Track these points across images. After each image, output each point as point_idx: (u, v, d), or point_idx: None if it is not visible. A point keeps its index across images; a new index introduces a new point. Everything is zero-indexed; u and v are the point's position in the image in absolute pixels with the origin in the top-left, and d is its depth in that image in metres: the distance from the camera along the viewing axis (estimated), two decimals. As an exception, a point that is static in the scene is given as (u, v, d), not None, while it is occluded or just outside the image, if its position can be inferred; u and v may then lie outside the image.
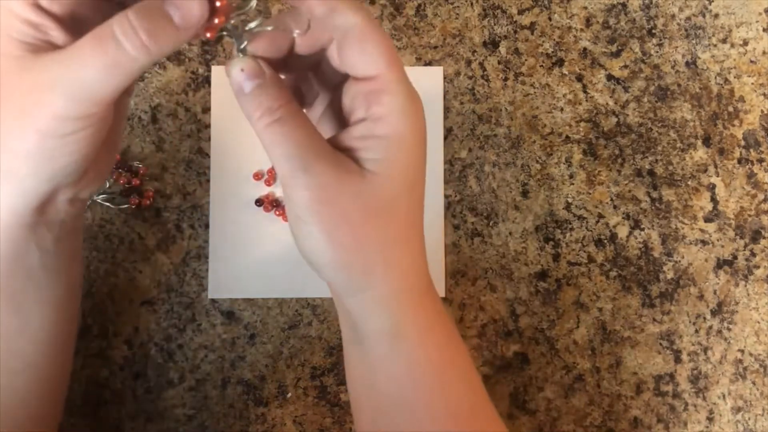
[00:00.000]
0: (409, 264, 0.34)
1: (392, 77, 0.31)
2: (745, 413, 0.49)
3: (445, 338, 0.36)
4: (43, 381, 0.37)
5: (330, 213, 0.31)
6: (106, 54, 0.28)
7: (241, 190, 0.48)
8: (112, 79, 0.29)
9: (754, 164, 0.51)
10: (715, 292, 0.50)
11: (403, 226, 0.33)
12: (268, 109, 0.31)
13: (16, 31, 0.29)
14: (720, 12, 0.52)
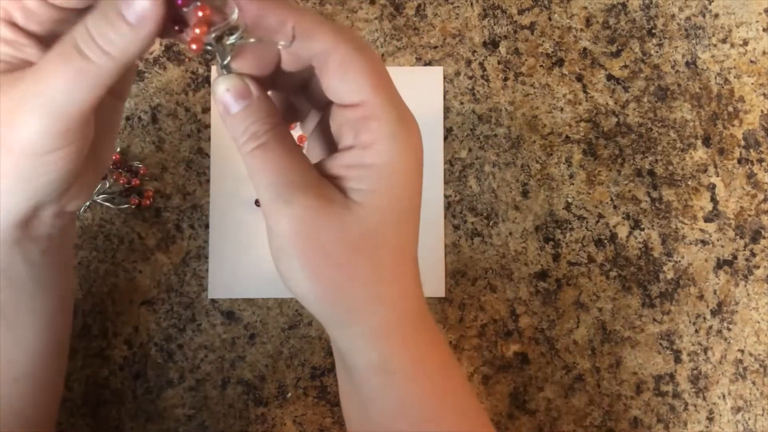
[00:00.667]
0: (398, 298, 0.32)
1: (379, 102, 0.29)
2: (745, 413, 0.49)
3: (439, 369, 0.34)
4: (38, 390, 0.37)
5: (311, 247, 0.30)
6: (70, 65, 0.27)
7: (241, 190, 0.48)
8: (81, 90, 0.28)
9: (754, 164, 0.51)
10: (715, 292, 0.50)
11: (393, 259, 0.31)
12: (254, 134, 0.29)
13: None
14: (720, 12, 0.52)
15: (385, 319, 0.32)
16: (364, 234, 0.30)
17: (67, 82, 0.27)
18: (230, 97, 0.29)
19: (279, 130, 0.30)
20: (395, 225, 0.31)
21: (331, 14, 0.50)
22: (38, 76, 0.28)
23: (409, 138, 0.30)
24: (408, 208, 0.31)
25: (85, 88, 0.28)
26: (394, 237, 0.31)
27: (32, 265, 0.33)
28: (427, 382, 0.33)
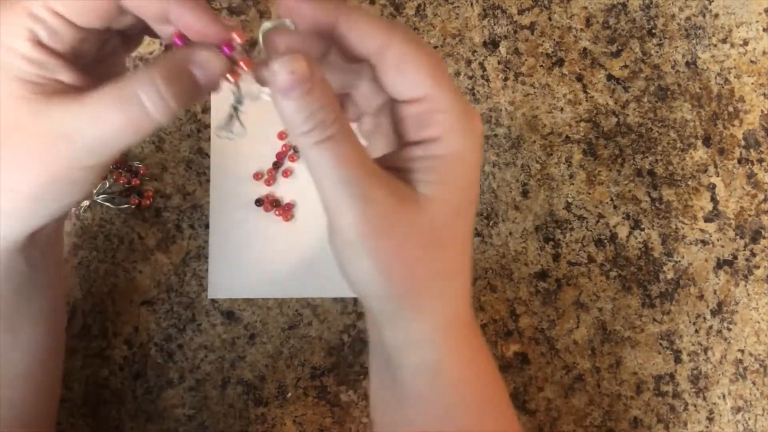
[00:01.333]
0: (457, 295, 0.32)
1: (442, 95, 0.29)
2: (745, 413, 0.49)
3: (484, 375, 0.34)
4: (39, 390, 0.37)
5: (385, 245, 0.29)
6: (129, 118, 0.27)
7: (241, 190, 0.48)
8: (131, 137, 0.28)
9: (754, 164, 0.51)
10: (715, 292, 0.50)
11: (458, 254, 0.31)
12: (321, 122, 0.27)
13: (18, 69, 0.28)
14: (720, 12, 0.52)
15: (445, 317, 0.31)
16: (432, 228, 0.29)
17: (121, 131, 0.28)
18: (294, 80, 0.27)
19: (344, 121, 0.28)
20: (462, 217, 0.31)
21: (331, 14, 0.50)
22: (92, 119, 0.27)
23: (473, 130, 0.30)
24: (470, 200, 0.31)
25: (137, 135, 0.28)
26: (460, 231, 0.31)
27: (32, 268, 0.34)
28: (473, 388, 0.33)
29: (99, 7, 0.28)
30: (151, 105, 0.27)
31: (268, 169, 0.48)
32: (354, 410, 0.47)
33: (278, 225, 0.48)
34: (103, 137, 0.28)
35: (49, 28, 0.28)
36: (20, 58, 0.28)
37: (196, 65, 0.28)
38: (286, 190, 0.48)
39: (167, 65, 0.28)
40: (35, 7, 0.27)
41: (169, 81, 0.28)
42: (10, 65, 0.28)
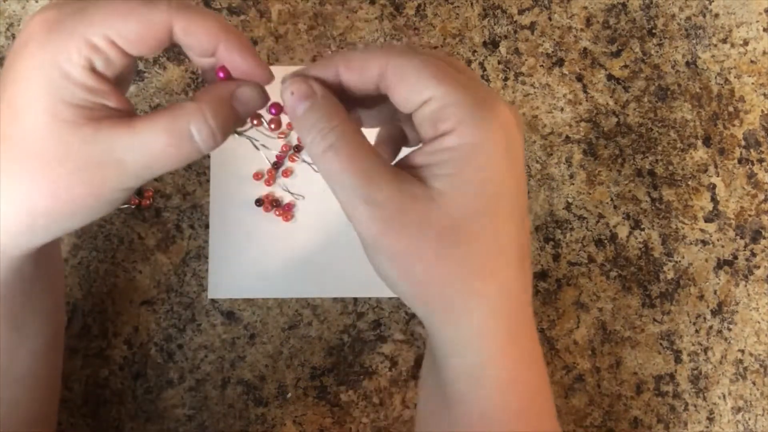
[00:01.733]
0: (497, 296, 0.30)
1: (448, 90, 0.29)
2: (745, 413, 0.49)
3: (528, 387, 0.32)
4: (42, 386, 0.38)
5: (398, 247, 0.29)
6: (178, 148, 0.29)
7: (241, 190, 0.48)
8: (176, 165, 0.30)
9: (754, 164, 0.51)
10: (715, 292, 0.50)
11: (487, 252, 0.29)
12: (321, 131, 0.29)
13: (71, 95, 0.28)
14: (720, 12, 0.52)
15: (483, 318, 0.30)
16: (450, 225, 0.29)
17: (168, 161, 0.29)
18: (295, 99, 0.30)
19: (346, 128, 0.30)
20: (487, 211, 0.29)
21: (331, 14, 0.50)
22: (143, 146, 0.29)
23: (493, 118, 0.29)
24: (498, 193, 0.29)
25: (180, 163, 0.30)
26: (486, 226, 0.29)
27: (38, 266, 0.34)
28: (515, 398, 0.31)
29: (155, 40, 0.29)
30: (199, 137, 0.29)
31: (268, 169, 0.48)
32: (354, 410, 0.47)
33: (278, 225, 0.48)
34: (150, 164, 0.29)
35: (106, 57, 0.29)
36: (74, 85, 0.28)
37: (239, 101, 0.30)
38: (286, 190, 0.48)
39: (215, 100, 0.30)
40: (95, 37, 0.28)
41: (217, 118, 0.29)
42: (63, 91, 0.28)
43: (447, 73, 0.29)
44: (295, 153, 0.48)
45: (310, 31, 0.50)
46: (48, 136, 0.28)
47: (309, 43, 0.50)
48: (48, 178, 0.29)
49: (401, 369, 0.47)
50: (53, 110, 0.28)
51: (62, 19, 0.28)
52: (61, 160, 0.28)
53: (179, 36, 0.29)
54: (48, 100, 0.28)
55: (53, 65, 0.28)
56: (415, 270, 0.29)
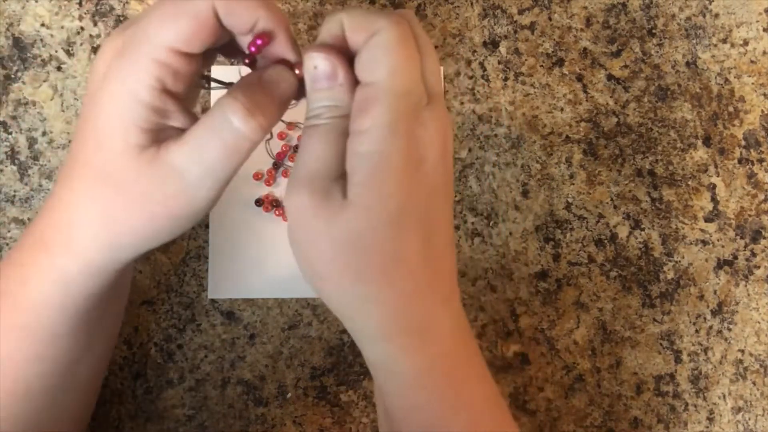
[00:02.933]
0: (393, 302, 0.31)
1: (389, 87, 0.28)
2: (745, 413, 0.49)
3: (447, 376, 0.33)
4: (90, 394, 0.40)
5: (304, 238, 0.30)
6: (224, 141, 0.29)
7: (241, 190, 0.48)
8: (233, 162, 0.30)
9: (754, 164, 0.51)
10: (715, 293, 0.50)
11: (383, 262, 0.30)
12: (318, 114, 0.30)
13: (142, 118, 0.29)
14: (720, 12, 0.52)
15: (381, 322, 0.31)
16: (351, 235, 0.29)
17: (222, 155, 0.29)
18: (320, 74, 0.30)
19: (340, 122, 0.30)
20: (386, 227, 0.29)
21: (331, 14, 0.50)
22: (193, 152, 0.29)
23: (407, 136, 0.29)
24: (402, 207, 0.29)
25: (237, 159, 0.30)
26: (386, 240, 0.29)
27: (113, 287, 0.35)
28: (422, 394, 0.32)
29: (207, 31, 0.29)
30: (240, 123, 0.29)
31: (268, 169, 0.48)
32: (354, 410, 0.47)
33: (278, 225, 0.48)
34: (209, 167, 0.29)
35: (174, 71, 0.29)
36: (144, 107, 0.29)
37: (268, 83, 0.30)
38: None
39: (244, 85, 0.30)
40: (160, 52, 0.28)
41: (250, 97, 0.29)
42: (135, 114, 0.29)
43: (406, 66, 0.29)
44: (296, 153, 0.48)
45: (310, 31, 0.50)
46: (121, 161, 0.29)
47: (309, 43, 0.50)
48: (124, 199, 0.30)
49: (401, 369, 0.47)
50: (126, 136, 0.29)
51: (127, 44, 0.29)
52: (133, 183, 0.30)
53: (224, 19, 0.30)
54: (122, 126, 0.29)
55: (126, 91, 0.29)
56: (317, 265, 0.30)
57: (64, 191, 0.31)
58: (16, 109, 0.47)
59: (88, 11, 0.48)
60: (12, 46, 0.48)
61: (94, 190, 0.30)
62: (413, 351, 0.32)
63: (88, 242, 0.31)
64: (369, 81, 0.29)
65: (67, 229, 0.31)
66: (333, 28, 0.30)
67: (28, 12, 0.48)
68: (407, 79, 0.29)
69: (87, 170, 0.31)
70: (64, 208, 0.31)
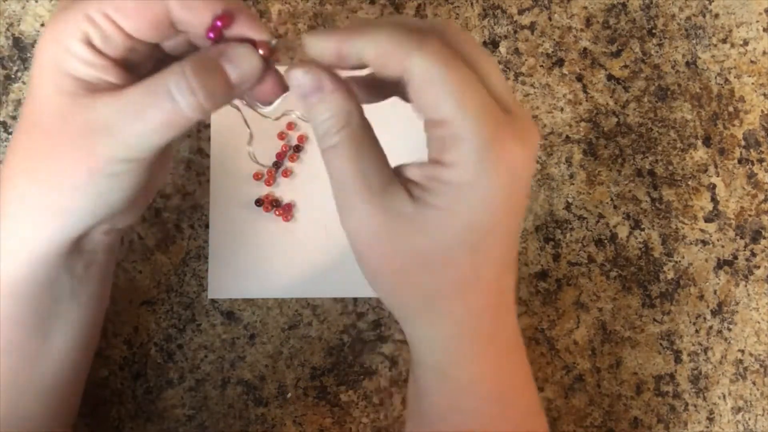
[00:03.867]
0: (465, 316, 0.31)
1: (464, 121, 0.27)
2: (745, 413, 0.49)
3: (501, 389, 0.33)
4: (63, 403, 0.37)
5: (370, 256, 0.30)
6: (161, 110, 0.28)
7: (241, 190, 0.48)
8: (165, 133, 0.29)
9: (754, 164, 0.51)
10: (715, 293, 0.50)
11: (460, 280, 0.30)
12: (326, 132, 0.29)
13: (72, 67, 0.29)
14: (720, 12, 0.52)
15: (446, 332, 0.31)
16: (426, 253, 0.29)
17: (154, 125, 0.28)
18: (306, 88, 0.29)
19: (351, 131, 0.29)
20: (469, 251, 0.29)
21: (331, 14, 0.50)
22: (126, 112, 0.28)
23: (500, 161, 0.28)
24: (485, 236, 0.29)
25: (170, 132, 0.29)
26: (466, 262, 0.29)
27: (74, 278, 0.34)
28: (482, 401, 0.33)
29: (152, 19, 0.29)
30: (181, 98, 0.28)
31: (268, 169, 0.48)
32: (354, 410, 0.47)
33: (278, 225, 0.48)
34: (138, 131, 0.28)
35: (102, 32, 0.29)
36: (73, 57, 0.29)
37: (229, 61, 0.29)
38: (286, 190, 0.48)
39: (198, 59, 0.29)
40: (91, 10, 0.28)
41: (198, 74, 0.28)
42: (63, 62, 0.29)
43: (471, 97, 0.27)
44: (296, 153, 0.48)
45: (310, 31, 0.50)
46: (51, 107, 0.29)
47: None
48: (49, 147, 0.29)
49: (401, 369, 0.47)
50: (57, 83, 0.29)
51: (72, 2, 0.29)
52: (60, 130, 0.29)
53: (177, 13, 0.29)
54: (53, 74, 0.29)
55: (57, 41, 0.29)
56: (385, 279, 0.30)
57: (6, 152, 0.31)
58: (16, 109, 0.47)
59: (88, 11, 0.48)
60: (12, 46, 0.48)
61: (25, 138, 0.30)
62: (472, 359, 0.32)
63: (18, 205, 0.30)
64: (437, 119, 0.28)
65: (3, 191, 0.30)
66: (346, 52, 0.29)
67: (28, 12, 0.48)
68: (476, 104, 0.28)
69: (22, 122, 0.30)
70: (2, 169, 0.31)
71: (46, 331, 0.34)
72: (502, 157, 0.28)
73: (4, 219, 0.31)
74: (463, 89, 0.27)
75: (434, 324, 0.31)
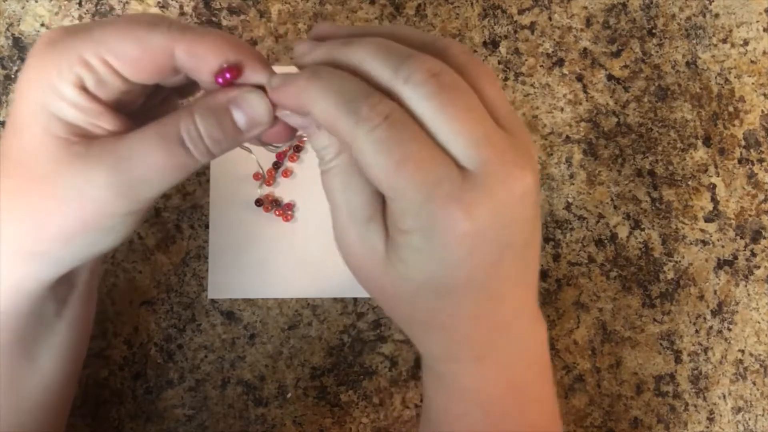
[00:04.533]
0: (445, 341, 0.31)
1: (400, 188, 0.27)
2: (745, 413, 0.49)
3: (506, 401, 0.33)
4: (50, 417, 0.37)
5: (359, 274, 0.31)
6: (171, 157, 0.27)
7: (241, 190, 0.48)
8: (172, 179, 0.28)
9: (754, 164, 0.51)
10: (715, 293, 0.50)
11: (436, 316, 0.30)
12: (322, 158, 0.29)
13: (61, 111, 0.27)
14: (720, 12, 0.52)
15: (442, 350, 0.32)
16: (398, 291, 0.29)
17: (162, 173, 0.28)
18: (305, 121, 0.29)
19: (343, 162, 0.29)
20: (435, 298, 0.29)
21: (331, 14, 0.50)
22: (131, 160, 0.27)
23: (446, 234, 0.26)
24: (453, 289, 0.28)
25: (178, 177, 0.28)
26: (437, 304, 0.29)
27: (59, 303, 0.34)
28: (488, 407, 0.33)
29: (153, 65, 0.28)
30: (192, 147, 0.28)
31: (268, 169, 0.48)
32: (354, 410, 0.47)
33: (278, 225, 0.48)
34: (143, 180, 0.28)
35: (98, 77, 0.28)
36: (62, 101, 0.27)
37: (239, 108, 0.29)
38: (286, 190, 0.48)
39: (208, 106, 0.28)
40: (87, 54, 0.27)
41: (208, 121, 0.28)
42: (51, 105, 0.27)
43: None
44: (296, 153, 0.48)
45: (310, 31, 0.50)
46: (41, 151, 0.27)
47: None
48: (41, 195, 0.28)
49: (401, 369, 0.47)
50: (47, 126, 0.27)
51: (63, 37, 0.28)
52: (52, 178, 0.27)
53: (183, 60, 0.28)
54: (42, 116, 0.27)
55: (47, 82, 0.27)
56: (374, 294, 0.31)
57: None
58: (16, 109, 0.47)
59: (88, 11, 0.48)
60: (12, 46, 0.48)
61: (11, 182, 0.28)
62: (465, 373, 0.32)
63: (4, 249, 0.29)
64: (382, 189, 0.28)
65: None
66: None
67: (28, 12, 0.48)
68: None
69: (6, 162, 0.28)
70: None
71: (33, 355, 0.33)
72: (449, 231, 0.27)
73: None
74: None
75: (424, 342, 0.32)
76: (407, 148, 0.26)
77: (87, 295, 0.36)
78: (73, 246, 0.29)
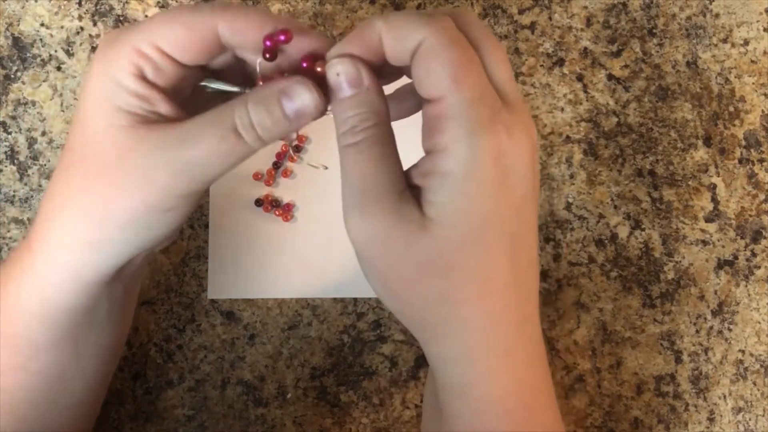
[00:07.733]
0: (482, 321, 0.30)
1: (458, 99, 0.27)
2: (745, 414, 0.49)
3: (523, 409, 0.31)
4: (85, 417, 0.38)
5: (380, 263, 0.29)
6: (226, 143, 0.29)
7: (241, 190, 0.48)
8: (226, 164, 0.29)
9: (754, 164, 0.51)
10: (715, 293, 0.49)
11: (471, 281, 0.29)
12: (352, 128, 0.29)
13: (124, 102, 0.29)
14: (721, 12, 0.52)
15: (468, 342, 0.30)
16: (434, 256, 0.28)
17: (217, 157, 0.29)
18: (342, 81, 0.29)
19: (378, 131, 0.29)
20: (471, 244, 0.28)
21: (331, 14, 0.50)
22: (189, 144, 0.29)
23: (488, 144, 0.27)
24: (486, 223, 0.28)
25: (230, 163, 0.29)
26: (471, 257, 0.29)
27: (113, 302, 0.34)
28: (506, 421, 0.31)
29: (201, 45, 0.29)
30: (245, 133, 0.29)
31: (268, 169, 0.48)
32: (354, 410, 0.47)
33: (278, 225, 0.48)
34: (199, 164, 0.29)
35: (154, 64, 0.29)
36: (125, 91, 0.29)
37: (288, 98, 0.29)
38: (286, 190, 0.48)
39: (259, 93, 0.29)
40: (142, 44, 0.29)
41: (259, 110, 0.29)
42: (115, 97, 0.29)
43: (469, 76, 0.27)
44: (296, 153, 0.48)
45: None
46: (105, 141, 0.29)
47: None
48: (105, 182, 0.29)
49: (401, 369, 0.47)
50: (110, 117, 0.29)
51: (118, 35, 0.30)
52: (116, 164, 0.29)
53: (228, 37, 0.29)
54: (105, 108, 0.29)
55: (108, 75, 0.29)
56: (397, 289, 0.30)
57: (50, 183, 0.31)
58: (15, 109, 0.47)
59: (88, 11, 0.48)
60: (12, 46, 0.48)
61: (76, 175, 0.30)
62: (495, 374, 0.31)
63: (68, 239, 0.30)
64: (433, 97, 0.28)
65: (48, 223, 0.31)
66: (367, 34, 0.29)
67: (28, 12, 0.48)
68: (472, 84, 0.27)
69: (70, 155, 0.30)
70: (46, 199, 0.31)
71: (80, 354, 0.34)
72: (492, 144, 0.27)
73: (48, 251, 0.31)
74: (462, 67, 0.27)
75: (452, 336, 0.30)
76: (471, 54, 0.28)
77: (132, 299, 0.37)
78: (133, 230, 0.30)
